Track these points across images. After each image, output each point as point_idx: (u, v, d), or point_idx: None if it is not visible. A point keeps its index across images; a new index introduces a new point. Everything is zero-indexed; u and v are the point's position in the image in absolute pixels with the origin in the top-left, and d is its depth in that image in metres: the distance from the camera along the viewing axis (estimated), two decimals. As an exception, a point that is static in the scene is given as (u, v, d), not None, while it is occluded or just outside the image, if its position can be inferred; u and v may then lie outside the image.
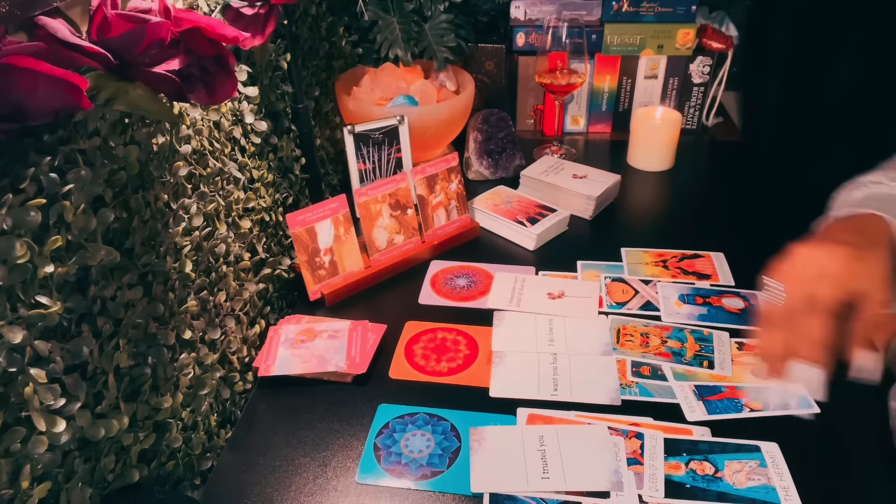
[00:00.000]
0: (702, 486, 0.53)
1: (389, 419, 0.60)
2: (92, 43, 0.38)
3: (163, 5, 0.42)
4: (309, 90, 0.87)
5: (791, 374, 0.51)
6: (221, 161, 0.62)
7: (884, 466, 0.54)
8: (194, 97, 0.45)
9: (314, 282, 0.74)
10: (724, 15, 1.08)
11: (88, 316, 0.43)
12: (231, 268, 0.63)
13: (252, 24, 0.60)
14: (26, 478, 0.38)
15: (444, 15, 0.99)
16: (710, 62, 1.07)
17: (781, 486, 0.52)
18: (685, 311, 0.72)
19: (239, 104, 0.67)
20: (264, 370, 0.64)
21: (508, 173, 1.01)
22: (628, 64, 1.09)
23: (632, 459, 0.55)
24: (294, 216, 0.71)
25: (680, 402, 0.60)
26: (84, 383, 0.42)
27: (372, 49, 0.99)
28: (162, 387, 0.51)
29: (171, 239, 0.52)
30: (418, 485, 0.54)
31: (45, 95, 0.34)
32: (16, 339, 0.36)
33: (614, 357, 0.66)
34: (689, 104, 1.12)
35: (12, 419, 0.37)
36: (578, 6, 1.06)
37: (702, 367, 0.64)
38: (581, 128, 1.16)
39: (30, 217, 0.37)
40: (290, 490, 0.55)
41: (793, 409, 0.59)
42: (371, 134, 0.81)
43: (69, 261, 0.41)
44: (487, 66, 1.11)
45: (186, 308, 0.54)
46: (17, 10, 0.35)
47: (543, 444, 0.56)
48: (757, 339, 0.52)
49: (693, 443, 0.56)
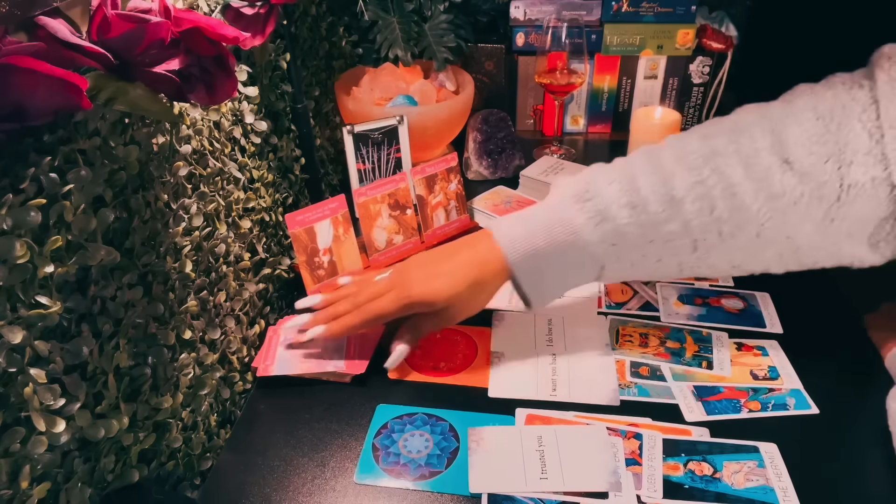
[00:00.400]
0: (700, 487, 0.53)
1: (388, 419, 0.60)
2: (92, 43, 0.38)
3: (163, 5, 0.42)
4: (309, 90, 0.87)
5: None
6: (221, 161, 0.62)
7: (883, 467, 0.54)
8: (194, 97, 0.45)
9: (313, 282, 0.74)
10: (724, 15, 1.08)
11: (88, 316, 0.43)
12: (231, 268, 0.63)
13: (252, 24, 0.60)
14: (26, 478, 0.38)
15: (443, 15, 0.99)
16: (710, 62, 1.07)
17: (780, 486, 0.52)
18: (684, 311, 0.72)
19: (239, 104, 0.67)
20: (263, 370, 0.64)
21: (508, 173, 1.01)
22: (628, 64, 1.09)
23: (630, 460, 0.55)
24: (293, 216, 0.71)
25: (679, 403, 0.61)
26: (84, 383, 0.42)
27: (372, 49, 0.99)
28: (162, 387, 0.51)
29: (171, 239, 0.52)
30: (417, 485, 0.54)
31: (45, 95, 0.34)
32: (16, 340, 0.36)
33: (613, 357, 0.66)
34: (688, 104, 1.12)
35: (12, 419, 0.37)
36: (578, 6, 1.06)
37: (701, 367, 0.64)
38: (581, 128, 1.16)
39: (30, 217, 0.37)
40: (289, 490, 0.55)
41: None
42: (370, 134, 0.81)
43: (69, 261, 0.41)
44: (487, 66, 1.11)
45: (186, 308, 0.54)
46: (17, 10, 0.35)
47: (542, 444, 0.56)
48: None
49: (692, 443, 0.56)
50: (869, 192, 0.52)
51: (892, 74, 0.53)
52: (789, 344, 0.66)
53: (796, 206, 0.55)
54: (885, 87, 0.52)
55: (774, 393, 0.61)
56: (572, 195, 0.60)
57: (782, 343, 0.67)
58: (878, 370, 0.63)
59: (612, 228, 0.58)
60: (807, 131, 0.54)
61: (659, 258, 0.59)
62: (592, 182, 0.60)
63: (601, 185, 0.59)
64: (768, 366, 0.64)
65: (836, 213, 0.54)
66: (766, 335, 0.68)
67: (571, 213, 0.59)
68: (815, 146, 0.54)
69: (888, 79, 0.53)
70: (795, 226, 0.56)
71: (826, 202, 0.54)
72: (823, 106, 0.55)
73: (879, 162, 0.52)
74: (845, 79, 0.56)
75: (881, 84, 0.53)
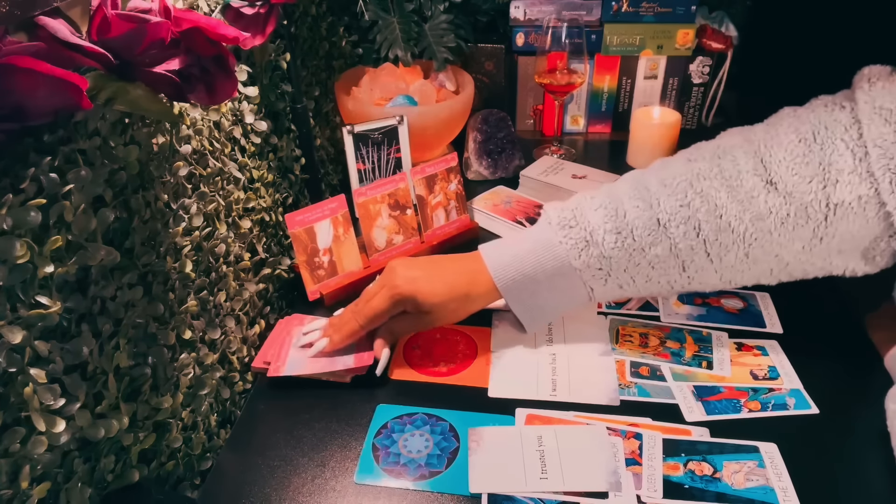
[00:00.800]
0: (700, 487, 0.53)
1: (388, 419, 0.60)
2: (92, 43, 0.38)
3: (163, 5, 0.42)
4: (309, 90, 0.87)
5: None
6: (221, 161, 0.62)
7: (883, 467, 0.54)
8: (194, 97, 0.45)
9: (313, 282, 0.74)
10: (724, 15, 1.08)
11: (88, 316, 0.43)
12: (231, 268, 0.63)
13: (252, 24, 0.60)
14: (26, 478, 0.38)
15: (443, 15, 0.99)
16: (710, 62, 1.07)
17: (780, 486, 0.52)
18: (684, 311, 0.72)
19: (239, 104, 0.67)
20: (274, 370, 0.64)
21: (508, 173, 1.01)
22: (628, 64, 1.09)
23: (630, 460, 0.55)
24: (293, 216, 0.71)
25: (679, 403, 0.61)
26: (84, 383, 0.42)
27: (372, 49, 0.99)
28: (162, 387, 0.51)
29: (171, 239, 0.52)
30: (417, 485, 0.54)
31: (45, 95, 0.34)
32: (16, 340, 0.36)
33: (613, 357, 0.66)
34: (688, 104, 1.12)
35: (12, 419, 0.37)
36: (578, 6, 1.06)
37: (701, 367, 0.64)
38: (581, 128, 1.16)
39: (30, 217, 0.37)
40: (289, 490, 0.55)
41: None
42: (370, 134, 0.81)
43: (69, 261, 0.41)
44: (487, 67, 1.11)
45: (186, 308, 0.54)
46: (17, 10, 0.35)
47: (542, 444, 0.56)
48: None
49: (692, 443, 0.56)
50: (856, 211, 0.53)
51: (872, 95, 0.54)
52: (789, 344, 0.66)
53: (783, 226, 0.56)
54: (865, 108, 0.53)
55: (774, 393, 0.61)
56: (558, 222, 0.61)
57: (782, 343, 0.67)
58: (878, 370, 0.63)
59: (597, 254, 0.60)
60: (790, 153, 0.55)
61: (648, 279, 0.61)
62: (578, 209, 0.61)
63: (587, 212, 0.61)
64: (768, 366, 0.64)
65: (825, 232, 0.55)
66: (766, 335, 0.68)
67: (557, 240, 0.61)
68: (798, 166, 0.55)
69: (868, 99, 0.54)
70: (784, 245, 0.57)
71: (813, 221, 0.55)
72: (805, 127, 0.56)
73: (864, 180, 0.53)
74: (827, 101, 0.58)
75: (862, 104, 0.54)
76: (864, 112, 0.53)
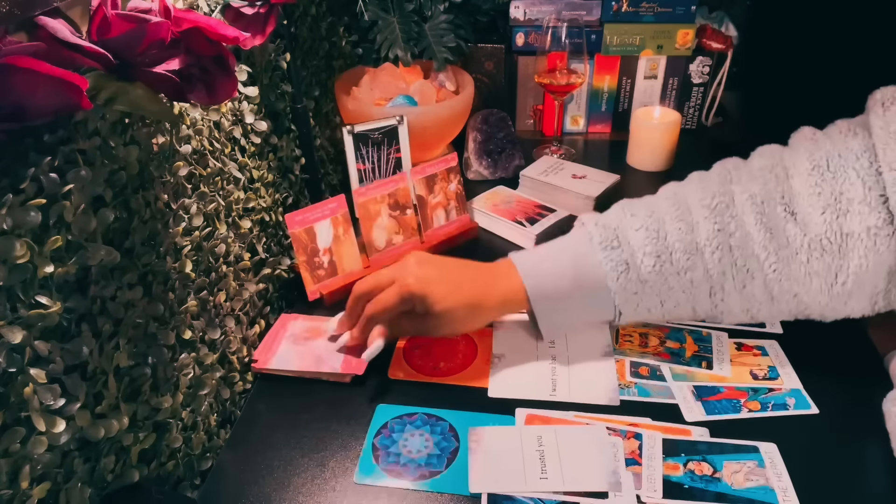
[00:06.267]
0: (700, 487, 0.53)
1: (388, 419, 0.60)
2: (92, 43, 0.38)
3: (163, 5, 0.42)
4: (309, 90, 0.87)
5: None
6: (221, 161, 0.62)
7: (882, 467, 0.54)
8: (194, 97, 0.45)
9: (313, 282, 0.74)
10: (724, 15, 1.09)
11: (88, 316, 0.43)
12: (231, 268, 0.63)
13: (252, 24, 0.60)
14: (26, 478, 0.38)
15: (443, 15, 0.99)
16: (710, 62, 1.07)
17: (780, 486, 0.52)
18: (684, 311, 0.72)
19: (239, 104, 0.67)
20: (262, 363, 0.64)
21: (508, 173, 1.01)
22: (628, 64, 1.09)
23: (630, 460, 0.55)
24: (293, 216, 0.71)
25: (678, 403, 0.61)
26: (84, 383, 0.42)
27: (372, 49, 0.99)
28: (162, 387, 0.51)
29: (171, 239, 0.52)
30: (416, 485, 0.54)
31: (45, 95, 0.34)
32: (16, 339, 0.36)
33: (613, 357, 0.66)
34: (688, 104, 1.12)
35: (12, 419, 0.37)
36: (578, 6, 1.06)
37: (700, 367, 0.64)
38: (580, 128, 1.16)
39: (30, 217, 0.37)
40: (289, 490, 0.55)
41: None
42: (370, 134, 0.81)
43: (69, 261, 0.41)
44: (487, 67, 1.11)
45: (186, 308, 0.54)
46: (17, 10, 0.35)
47: (542, 444, 0.56)
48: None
49: (691, 443, 0.56)
50: (867, 243, 0.53)
51: (886, 119, 0.53)
52: (789, 344, 0.66)
53: (798, 256, 0.55)
54: (881, 133, 0.53)
55: (774, 393, 0.61)
56: (600, 241, 0.61)
57: (782, 343, 0.67)
58: (878, 370, 0.63)
59: (635, 277, 0.59)
60: (805, 182, 0.55)
61: (677, 303, 0.61)
62: (620, 228, 0.61)
63: (628, 232, 0.60)
64: (768, 366, 0.64)
65: (840, 267, 0.54)
66: (766, 335, 0.68)
67: (597, 260, 0.60)
68: (812, 197, 0.55)
69: (883, 124, 0.53)
70: (801, 281, 0.56)
71: (829, 254, 0.54)
72: (820, 154, 0.56)
73: (874, 210, 0.52)
74: (842, 127, 0.57)
75: (876, 130, 0.53)
76: (880, 137, 0.53)
